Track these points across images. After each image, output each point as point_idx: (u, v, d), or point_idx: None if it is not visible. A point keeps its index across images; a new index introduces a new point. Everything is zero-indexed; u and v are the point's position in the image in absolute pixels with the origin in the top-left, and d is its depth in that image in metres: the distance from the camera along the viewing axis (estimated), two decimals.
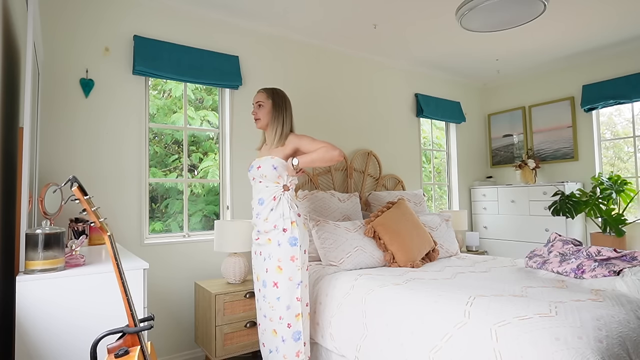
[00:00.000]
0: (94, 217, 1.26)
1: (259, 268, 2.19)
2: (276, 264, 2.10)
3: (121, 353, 1.15)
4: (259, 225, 2.18)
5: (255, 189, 2.24)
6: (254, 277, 2.26)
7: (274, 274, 2.10)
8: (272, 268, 2.11)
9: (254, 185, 2.25)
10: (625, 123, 4.14)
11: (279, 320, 2.08)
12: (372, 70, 4.13)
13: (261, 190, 2.19)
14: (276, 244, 2.11)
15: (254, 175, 2.23)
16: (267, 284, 2.12)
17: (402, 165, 4.32)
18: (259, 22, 3.29)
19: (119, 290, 1.48)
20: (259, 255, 2.20)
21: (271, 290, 2.10)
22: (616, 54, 4.07)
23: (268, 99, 2.27)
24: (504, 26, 2.93)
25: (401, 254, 2.79)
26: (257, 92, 2.32)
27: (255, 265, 2.24)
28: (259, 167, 2.19)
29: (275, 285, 2.09)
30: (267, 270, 2.12)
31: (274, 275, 2.10)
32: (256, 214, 2.20)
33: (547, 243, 2.71)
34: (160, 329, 2.75)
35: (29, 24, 1.55)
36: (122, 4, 2.75)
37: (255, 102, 2.29)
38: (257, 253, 2.23)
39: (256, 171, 2.20)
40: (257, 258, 2.22)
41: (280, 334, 2.08)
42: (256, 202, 2.21)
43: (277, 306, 2.09)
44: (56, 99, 2.50)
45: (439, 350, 1.72)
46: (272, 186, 2.17)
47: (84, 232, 2.18)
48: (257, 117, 2.28)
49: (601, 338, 1.43)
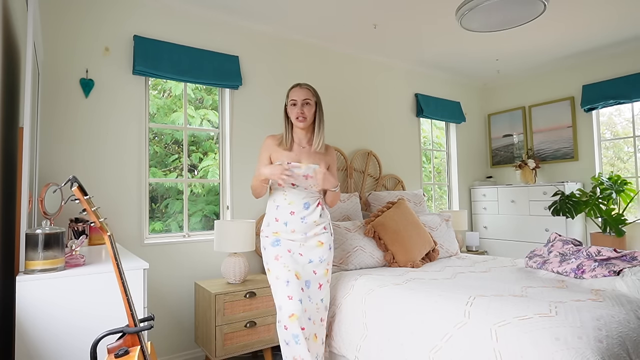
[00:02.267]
0: (94, 217, 1.26)
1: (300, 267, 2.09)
2: (326, 267, 2.16)
3: (121, 353, 1.15)
4: (305, 229, 2.12)
5: (293, 193, 2.13)
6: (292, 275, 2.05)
7: (322, 276, 2.14)
8: (321, 271, 2.14)
9: (291, 189, 2.13)
10: (625, 123, 4.14)
11: (320, 322, 2.11)
12: (372, 70, 4.13)
13: (306, 195, 2.16)
14: (327, 248, 2.17)
15: (294, 181, 2.09)
16: (312, 285, 2.11)
17: (402, 165, 4.32)
18: (259, 22, 3.29)
19: (119, 290, 1.48)
20: (300, 256, 2.11)
21: (317, 292, 2.12)
22: (616, 54, 4.07)
23: (313, 97, 2.18)
24: (504, 26, 2.93)
25: (401, 254, 2.79)
26: (301, 88, 2.16)
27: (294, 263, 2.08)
28: (307, 176, 2.08)
29: (320, 287, 2.12)
30: (316, 273, 2.13)
31: (321, 277, 2.14)
32: (301, 218, 2.11)
33: (547, 243, 2.71)
34: (160, 329, 2.75)
35: (29, 24, 1.55)
36: (122, 4, 2.75)
37: (303, 99, 2.13)
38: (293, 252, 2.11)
39: (303, 180, 2.09)
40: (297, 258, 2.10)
41: (321, 337, 2.09)
42: (300, 206, 2.12)
43: (322, 308, 2.12)
44: (56, 99, 2.50)
45: (439, 350, 1.72)
46: (316, 193, 2.20)
47: (84, 232, 2.18)
48: (304, 116, 2.12)
49: (601, 338, 1.43)
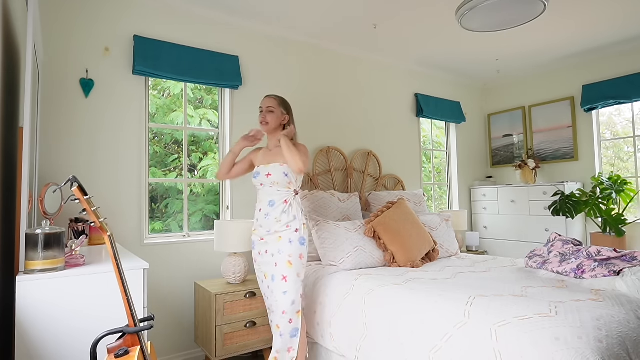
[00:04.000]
0: (94, 217, 1.26)
1: (267, 265, 2.21)
2: (286, 258, 2.15)
3: (121, 353, 1.15)
4: (268, 225, 2.22)
5: (263, 192, 2.28)
6: (260, 276, 2.27)
7: (284, 267, 2.14)
8: (282, 262, 2.15)
9: (262, 189, 2.29)
10: (625, 123, 4.14)
11: (281, 314, 2.12)
12: (372, 70, 4.13)
13: (272, 193, 2.24)
14: (287, 241, 2.17)
15: (261, 181, 2.27)
16: (276, 278, 2.15)
17: (402, 165, 4.32)
18: (259, 22, 3.29)
19: (119, 290, 1.48)
20: (265, 253, 2.23)
21: (279, 284, 2.14)
22: (616, 54, 4.07)
23: (279, 106, 2.35)
24: (504, 26, 2.93)
25: (401, 254, 2.79)
26: (266, 98, 2.38)
27: (262, 264, 2.25)
28: (268, 174, 2.24)
29: (284, 279, 2.13)
30: (277, 265, 2.16)
31: (283, 269, 2.14)
32: (265, 215, 2.24)
33: (547, 243, 2.71)
34: (160, 329, 2.75)
35: (29, 24, 1.55)
36: (122, 4, 2.75)
37: (267, 106, 2.34)
38: (262, 253, 2.25)
39: (265, 178, 2.25)
40: (264, 257, 2.24)
41: (281, 329, 2.12)
42: (265, 204, 2.25)
43: (281, 300, 2.12)
44: (56, 99, 2.50)
45: (439, 350, 1.72)
46: (284, 190, 2.24)
47: (84, 232, 2.18)
48: (266, 121, 2.33)
49: (601, 338, 1.43)
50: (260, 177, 2.28)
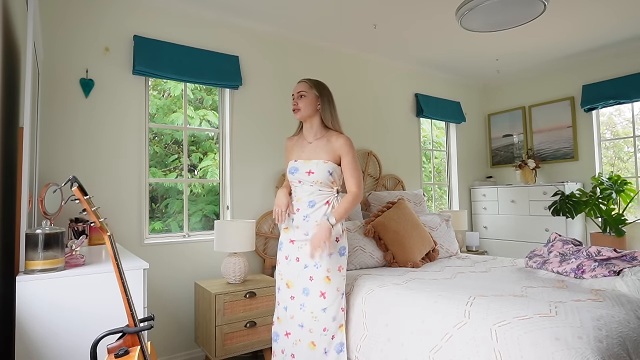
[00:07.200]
0: (94, 217, 1.26)
1: (296, 275, 2.04)
2: (324, 274, 1.99)
3: (121, 353, 1.15)
4: (307, 228, 2.05)
5: (302, 190, 2.09)
6: (283, 283, 2.10)
7: (322, 283, 1.99)
8: (319, 277, 1.99)
9: (299, 186, 2.09)
10: (625, 123, 4.14)
11: (322, 332, 1.98)
12: (372, 70, 4.13)
13: (313, 192, 2.05)
14: (326, 255, 1.99)
15: (300, 178, 2.07)
16: (311, 293, 2.00)
17: (402, 165, 4.32)
18: (259, 22, 3.29)
19: (119, 290, 1.48)
20: (297, 262, 2.06)
21: (317, 301, 1.99)
22: (616, 54, 4.07)
23: (311, 88, 2.12)
24: (504, 26, 2.93)
25: (401, 254, 2.79)
26: (298, 83, 2.17)
27: (289, 272, 2.08)
28: (309, 172, 2.04)
29: (322, 295, 1.98)
30: (312, 279, 2.00)
31: (321, 284, 1.99)
32: (304, 216, 2.06)
33: (547, 243, 2.71)
34: (160, 329, 2.75)
35: (29, 24, 1.55)
36: (122, 4, 2.75)
37: (298, 91, 2.12)
38: (290, 259, 2.08)
39: (305, 176, 2.05)
40: (292, 265, 2.07)
41: (322, 346, 1.99)
42: (305, 204, 2.06)
43: (322, 317, 1.98)
44: (56, 99, 2.50)
45: (439, 350, 1.72)
46: (326, 190, 2.06)
47: (84, 232, 2.18)
48: (297, 108, 2.10)
49: (601, 338, 1.43)
50: (299, 173, 2.06)
